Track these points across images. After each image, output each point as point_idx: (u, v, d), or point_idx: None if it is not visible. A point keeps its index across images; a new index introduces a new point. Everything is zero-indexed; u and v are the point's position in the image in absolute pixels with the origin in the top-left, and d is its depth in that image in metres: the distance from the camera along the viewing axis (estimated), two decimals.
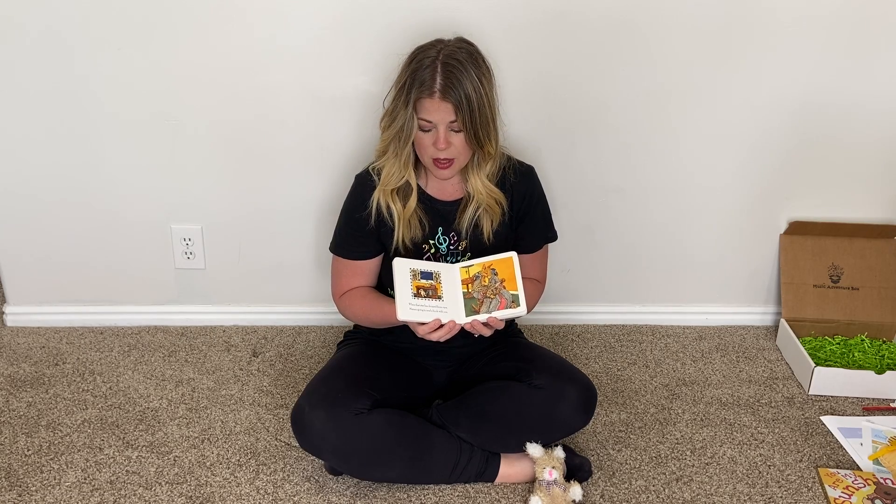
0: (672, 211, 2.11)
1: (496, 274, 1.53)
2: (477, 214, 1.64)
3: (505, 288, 1.52)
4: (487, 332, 1.54)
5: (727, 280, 2.21)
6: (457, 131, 1.52)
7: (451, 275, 1.56)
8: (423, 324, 1.50)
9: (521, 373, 1.62)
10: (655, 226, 2.13)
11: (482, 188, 1.62)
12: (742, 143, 2.03)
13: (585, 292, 2.21)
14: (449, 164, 1.56)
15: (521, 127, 1.94)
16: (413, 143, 1.56)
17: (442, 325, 1.50)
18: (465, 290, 1.54)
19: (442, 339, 1.52)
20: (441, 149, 1.52)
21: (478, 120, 1.50)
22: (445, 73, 1.48)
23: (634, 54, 1.91)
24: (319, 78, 1.90)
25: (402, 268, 1.54)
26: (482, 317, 1.51)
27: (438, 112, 1.50)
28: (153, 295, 2.15)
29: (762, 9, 1.87)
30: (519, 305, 1.50)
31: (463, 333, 1.54)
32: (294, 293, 2.16)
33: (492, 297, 1.52)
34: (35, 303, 2.14)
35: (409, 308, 1.50)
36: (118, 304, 2.15)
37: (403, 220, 1.62)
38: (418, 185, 1.65)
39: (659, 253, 2.16)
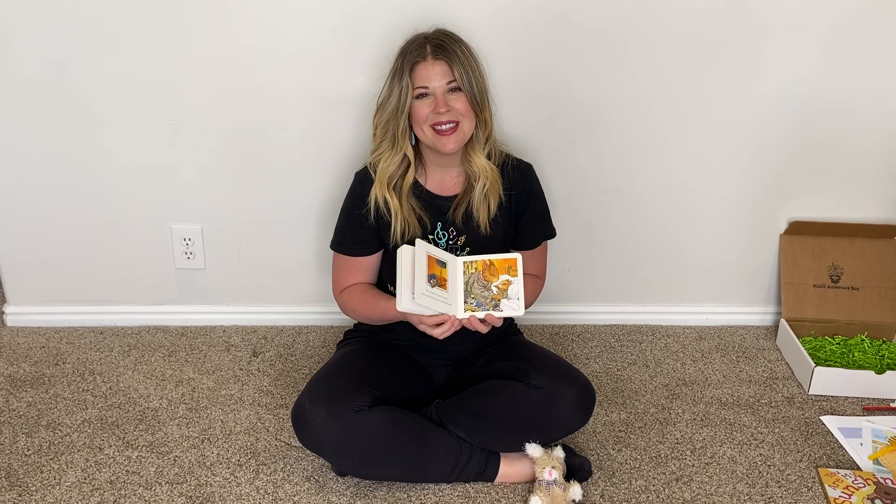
0: (672, 211, 2.11)
1: (497, 272, 1.53)
2: (484, 193, 1.64)
3: (504, 287, 1.52)
4: (484, 329, 1.54)
5: (727, 280, 2.20)
6: (455, 90, 1.56)
7: (455, 267, 1.56)
8: (430, 316, 1.50)
9: (520, 372, 1.62)
10: (655, 226, 2.13)
11: (486, 164, 1.63)
12: (742, 144, 2.03)
13: (585, 292, 2.21)
14: (453, 130, 1.57)
15: (521, 127, 1.94)
16: (410, 122, 1.58)
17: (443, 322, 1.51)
18: (466, 285, 1.54)
19: (442, 336, 1.52)
20: (442, 112, 1.54)
21: (473, 78, 1.56)
22: (434, 41, 1.57)
23: (635, 54, 1.91)
24: (319, 78, 1.90)
25: (421, 252, 1.52)
26: (480, 314, 1.51)
27: (434, 75, 1.55)
28: (153, 295, 2.15)
29: (762, 10, 1.87)
30: (517, 306, 1.50)
31: (462, 331, 1.54)
32: (294, 293, 2.17)
33: (493, 295, 1.52)
34: (35, 303, 2.14)
35: (422, 295, 1.47)
36: (118, 304, 2.15)
37: (403, 209, 1.63)
38: (417, 180, 1.66)
39: (659, 253, 2.16)
